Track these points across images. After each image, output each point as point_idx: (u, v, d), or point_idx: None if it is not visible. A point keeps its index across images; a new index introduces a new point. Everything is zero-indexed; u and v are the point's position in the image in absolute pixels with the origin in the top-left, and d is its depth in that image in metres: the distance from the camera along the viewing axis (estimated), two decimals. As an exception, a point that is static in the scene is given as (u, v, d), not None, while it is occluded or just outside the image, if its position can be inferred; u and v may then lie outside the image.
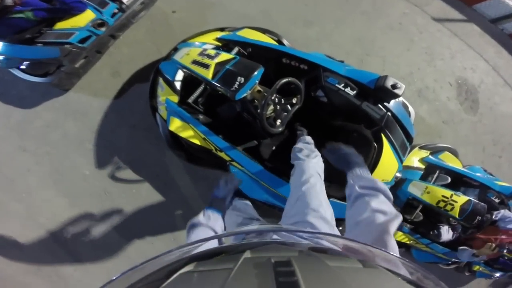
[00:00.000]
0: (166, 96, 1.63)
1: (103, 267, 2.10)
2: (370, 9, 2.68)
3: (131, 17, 2.34)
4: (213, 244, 0.43)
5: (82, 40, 2.08)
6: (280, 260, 0.26)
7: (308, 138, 1.39)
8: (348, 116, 1.52)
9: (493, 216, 1.62)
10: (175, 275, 0.26)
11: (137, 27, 2.40)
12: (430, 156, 1.90)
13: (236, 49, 1.75)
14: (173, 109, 1.56)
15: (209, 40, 1.82)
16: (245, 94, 1.37)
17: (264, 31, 1.94)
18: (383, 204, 0.67)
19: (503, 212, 1.64)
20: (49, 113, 2.21)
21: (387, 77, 1.40)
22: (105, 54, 2.28)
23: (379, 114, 1.44)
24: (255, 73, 1.37)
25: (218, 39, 1.82)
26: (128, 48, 2.33)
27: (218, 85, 1.40)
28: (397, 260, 0.33)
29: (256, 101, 1.42)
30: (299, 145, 1.28)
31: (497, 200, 1.73)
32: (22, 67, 2.00)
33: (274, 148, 1.66)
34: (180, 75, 1.63)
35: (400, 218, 0.62)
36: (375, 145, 1.43)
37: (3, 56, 1.89)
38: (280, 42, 1.94)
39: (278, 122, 1.42)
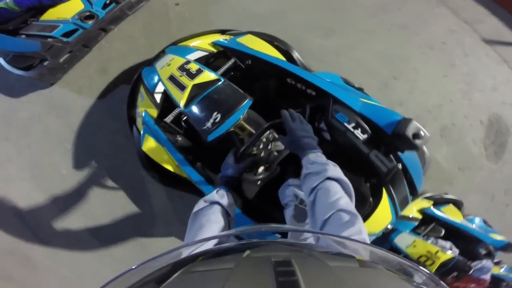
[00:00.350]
0: (144, 108, 1.41)
1: (73, 255, 2.04)
2: (411, 22, 2.21)
3: (126, 8, 2.10)
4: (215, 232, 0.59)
5: (67, 34, 1.90)
6: (280, 260, 0.26)
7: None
8: (348, 159, 1.21)
9: (472, 268, 1.58)
10: (175, 275, 0.26)
11: (134, 19, 2.18)
12: (432, 208, 1.71)
13: (231, 61, 1.45)
14: (149, 126, 1.34)
15: (204, 45, 1.54)
16: (218, 135, 1.13)
17: (271, 39, 1.59)
18: (341, 199, 0.63)
19: (484, 262, 1.59)
20: (33, 106, 2.11)
21: (410, 122, 1.06)
22: (95, 47, 2.10)
23: (387, 167, 1.13)
24: (237, 109, 1.13)
25: (213, 44, 1.53)
26: (120, 43, 2.12)
27: (190, 117, 1.19)
28: (396, 260, 0.32)
29: (240, 133, 1.19)
30: (310, 156, 0.84)
31: (484, 252, 1.65)
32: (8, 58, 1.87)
33: (259, 183, 1.34)
34: (161, 86, 1.39)
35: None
36: (371, 201, 1.18)
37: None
38: (289, 54, 1.58)
39: (261, 169, 1.17)
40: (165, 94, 1.38)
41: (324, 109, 1.21)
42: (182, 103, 1.21)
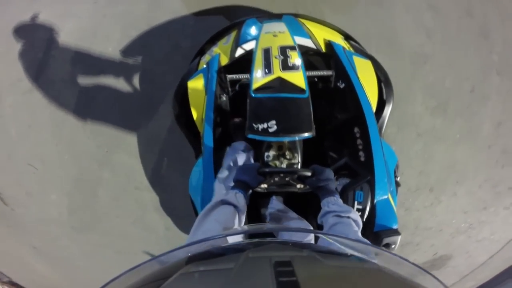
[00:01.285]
0: (220, 51, 1.34)
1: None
2: None
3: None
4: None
5: None
6: (280, 260, 0.26)
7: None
8: None
9: None
10: (175, 275, 0.26)
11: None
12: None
13: (328, 73, 1.28)
14: (211, 68, 1.25)
15: (320, 37, 1.37)
16: (257, 139, 1.06)
17: (385, 78, 1.37)
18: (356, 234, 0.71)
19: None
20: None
21: (396, 236, 1.08)
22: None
23: None
24: (295, 134, 1.03)
25: (327, 43, 1.34)
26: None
27: (248, 106, 1.07)
28: (397, 260, 0.33)
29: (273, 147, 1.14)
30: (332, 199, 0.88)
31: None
32: None
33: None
34: (250, 45, 1.27)
35: None
36: None
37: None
38: (383, 103, 1.35)
39: (264, 185, 1.02)
40: (248, 56, 1.24)
41: (354, 176, 1.17)
42: (254, 85, 1.09)
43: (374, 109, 1.22)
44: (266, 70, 1.10)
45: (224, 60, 1.30)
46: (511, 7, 2.06)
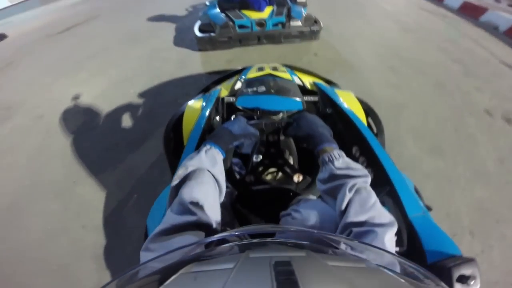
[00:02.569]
0: (223, 88, 1.48)
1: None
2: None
3: (283, 36, 2.67)
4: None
5: (241, 26, 2.56)
6: (280, 260, 0.27)
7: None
8: None
9: None
10: (175, 275, 0.26)
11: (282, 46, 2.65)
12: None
13: (315, 98, 1.39)
14: (211, 96, 1.34)
15: (307, 81, 1.55)
16: (247, 105, 1.07)
17: (369, 111, 1.43)
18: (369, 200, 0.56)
19: None
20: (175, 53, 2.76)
21: (471, 263, 0.75)
22: (244, 47, 2.65)
23: None
24: (286, 95, 1.07)
25: (313, 84, 1.50)
26: (257, 54, 2.61)
27: (243, 86, 1.19)
28: (397, 260, 0.33)
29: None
30: (335, 152, 0.67)
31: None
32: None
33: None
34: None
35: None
36: None
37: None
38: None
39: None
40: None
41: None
42: (248, 76, 1.28)
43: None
44: (259, 70, 1.33)
45: (225, 93, 1.41)
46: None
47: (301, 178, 0.88)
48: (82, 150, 2.15)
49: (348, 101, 1.33)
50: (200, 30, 2.81)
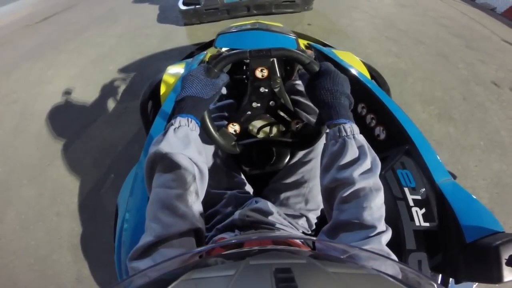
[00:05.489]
0: (209, 52, 1.38)
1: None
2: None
3: (274, 7, 2.47)
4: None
5: None
6: (281, 267, 0.26)
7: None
8: None
9: None
10: (174, 283, 0.26)
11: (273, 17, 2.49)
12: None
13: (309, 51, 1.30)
14: (194, 59, 1.27)
15: (302, 44, 1.45)
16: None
17: (370, 70, 1.34)
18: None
19: None
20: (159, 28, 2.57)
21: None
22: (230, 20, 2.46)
23: None
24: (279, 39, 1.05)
25: (309, 46, 1.41)
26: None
27: None
28: (396, 265, 0.33)
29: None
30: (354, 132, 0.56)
31: None
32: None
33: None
34: None
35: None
36: None
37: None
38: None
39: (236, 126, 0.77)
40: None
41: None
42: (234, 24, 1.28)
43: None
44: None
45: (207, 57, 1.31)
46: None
47: (300, 125, 0.74)
48: (58, 130, 1.99)
49: (349, 60, 1.21)
50: (185, 3, 2.58)
